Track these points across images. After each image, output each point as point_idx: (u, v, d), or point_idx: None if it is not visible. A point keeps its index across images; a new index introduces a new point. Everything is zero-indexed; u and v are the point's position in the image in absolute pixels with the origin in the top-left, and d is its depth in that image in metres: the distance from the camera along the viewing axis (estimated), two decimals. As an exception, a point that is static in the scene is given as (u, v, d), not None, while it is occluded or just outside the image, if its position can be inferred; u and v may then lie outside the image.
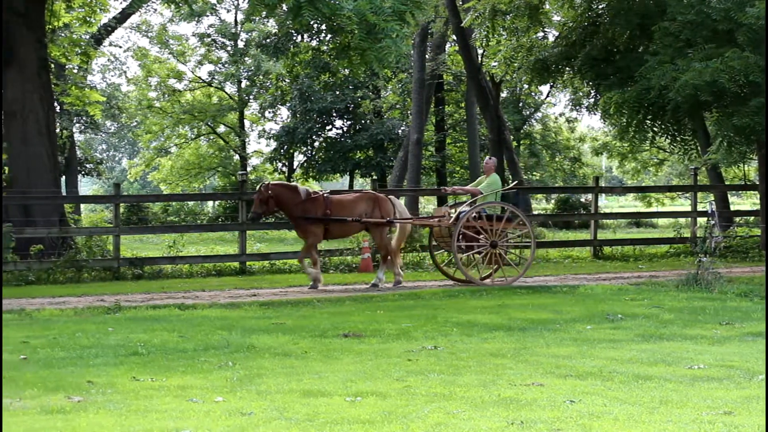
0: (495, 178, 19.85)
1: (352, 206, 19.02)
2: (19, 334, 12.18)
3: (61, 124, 42.03)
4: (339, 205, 18.94)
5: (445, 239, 19.67)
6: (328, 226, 18.78)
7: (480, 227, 19.19)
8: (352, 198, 19.41)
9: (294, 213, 18.67)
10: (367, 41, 19.16)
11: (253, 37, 56.61)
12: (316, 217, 18.56)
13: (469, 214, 19.09)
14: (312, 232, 18.70)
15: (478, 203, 19.42)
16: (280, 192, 18.67)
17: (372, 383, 8.91)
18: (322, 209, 18.68)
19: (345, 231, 19.37)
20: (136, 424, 7.31)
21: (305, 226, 18.70)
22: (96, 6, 29.60)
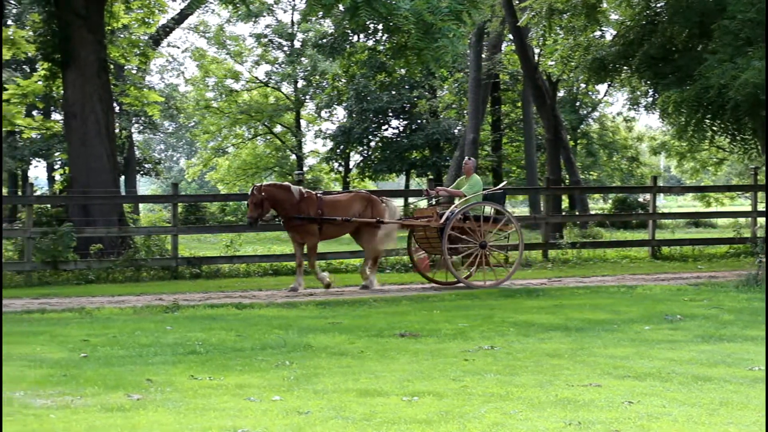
0: (476, 179, 19.58)
1: (345, 206, 18.78)
2: (80, 333, 12.31)
3: (120, 125, 42.43)
4: (332, 206, 18.67)
5: (431, 241, 19.28)
6: (321, 226, 18.48)
7: (468, 228, 18.91)
8: (345, 198, 19.16)
9: (290, 213, 18.31)
10: (423, 41, 19.12)
11: (310, 37, 56.74)
12: (309, 217, 18.27)
13: (458, 215, 18.77)
14: (309, 232, 18.42)
15: (464, 204, 19.08)
16: (273, 192, 18.32)
17: (429, 383, 8.89)
18: (315, 209, 18.43)
19: (338, 231, 18.96)
20: (194, 423, 7.35)
21: (302, 226, 18.38)
22: (154, 7, 29.86)
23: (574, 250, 24.61)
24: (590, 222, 35.26)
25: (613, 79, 30.84)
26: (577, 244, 25.06)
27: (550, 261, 23.99)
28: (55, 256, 20.56)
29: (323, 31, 51.75)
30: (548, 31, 27.87)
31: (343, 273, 22.41)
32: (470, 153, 39.60)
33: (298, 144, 60.47)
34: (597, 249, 25.70)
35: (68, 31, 23.15)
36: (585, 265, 23.57)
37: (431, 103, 54.59)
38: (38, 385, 8.76)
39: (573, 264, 23.64)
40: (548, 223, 25.68)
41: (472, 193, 19.21)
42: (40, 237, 20.71)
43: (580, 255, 24.53)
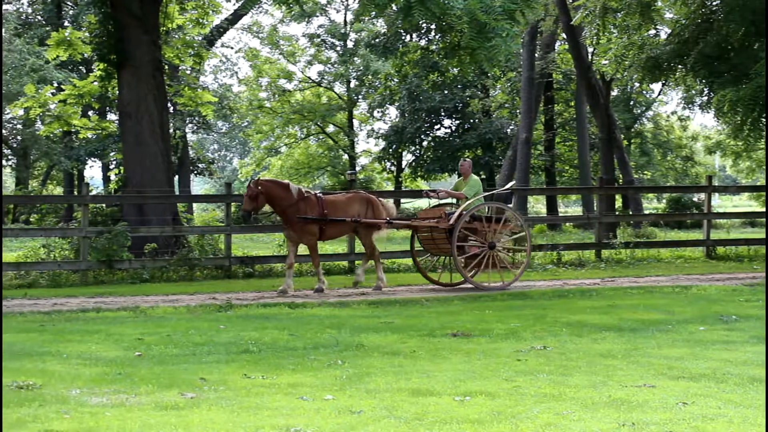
0: (475, 179, 19.35)
1: (346, 207, 18.65)
2: (135, 331, 12.42)
3: (174, 125, 42.76)
4: (333, 206, 18.55)
5: (437, 242, 19.13)
6: (323, 226, 18.33)
7: (475, 229, 18.75)
8: (346, 198, 18.98)
9: (287, 213, 18.17)
10: (476, 40, 19.06)
11: (363, 37, 56.86)
12: (314, 218, 18.12)
13: (467, 215, 18.56)
14: (309, 232, 18.25)
15: (471, 206, 18.81)
16: (270, 188, 18.14)
17: (481, 383, 8.88)
18: (316, 209, 18.26)
19: (340, 231, 18.87)
20: (248, 421, 7.39)
21: (302, 226, 18.23)
22: (209, 8, 30.04)
23: (627, 250, 24.46)
24: (644, 222, 35.01)
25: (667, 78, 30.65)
26: (631, 243, 24.90)
27: (603, 261, 23.87)
28: (110, 256, 20.74)
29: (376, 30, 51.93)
30: (602, 30, 27.71)
31: (395, 273, 22.42)
32: (523, 152, 39.51)
33: (350, 144, 60.57)
34: (651, 249, 25.51)
35: (124, 32, 23.35)
36: (639, 265, 23.42)
37: (484, 103, 54.46)
38: (94, 383, 8.84)
39: (626, 264, 23.50)
40: (601, 222, 25.54)
41: (472, 193, 19.01)
42: (96, 236, 20.90)
43: (634, 255, 24.38)
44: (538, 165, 53.34)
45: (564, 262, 23.62)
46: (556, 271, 22.33)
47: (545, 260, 23.56)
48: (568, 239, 33.79)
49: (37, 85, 36.37)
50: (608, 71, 34.88)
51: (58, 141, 48.38)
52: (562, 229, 43.37)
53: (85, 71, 45.62)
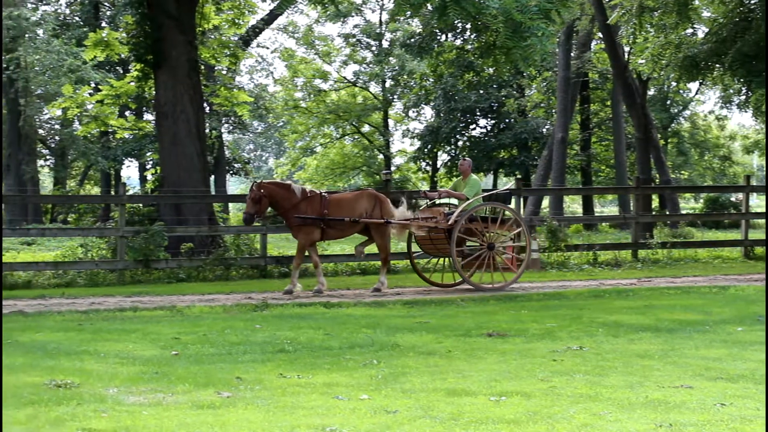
0: (475, 180, 19.22)
1: (350, 206, 18.41)
2: (171, 331, 12.47)
3: (210, 125, 42.95)
4: (337, 205, 18.34)
5: (435, 242, 18.97)
6: (324, 226, 18.16)
7: (474, 229, 18.60)
8: (351, 197, 18.77)
9: (290, 213, 18.02)
10: (512, 40, 19.00)
11: (398, 37, 56.89)
12: (314, 217, 17.97)
13: (467, 215, 18.41)
14: (304, 231, 18.07)
15: (471, 206, 18.66)
16: (273, 191, 17.99)
17: (516, 383, 8.86)
18: (319, 209, 18.11)
19: (343, 231, 18.60)
20: (283, 420, 7.40)
21: (298, 226, 18.03)
22: (244, 8, 30.15)
23: (664, 250, 24.34)
24: (681, 222, 34.84)
25: (705, 77, 30.47)
26: (668, 243, 24.79)
27: (640, 261, 23.76)
28: (147, 255, 20.85)
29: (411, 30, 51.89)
30: (638, 29, 27.59)
31: (431, 272, 22.36)
32: (559, 152, 39.41)
33: (385, 143, 60.63)
34: (688, 249, 25.38)
35: (160, 32, 23.45)
36: (676, 265, 23.30)
37: (519, 102, 54.36)
38: (131, 382, 8.89)
39: (663, 264, 23.38)
40: (638, 222, 25.43)
41: (472, 194, 18.86)
42: (133, 236, 21.00)
43: (671, 255, 24.25)
44: (574, 165, 53.19)
45: (600, 262, 23.53)
46: (593, 271, 22.24)
47: (581, 260, 23.48)
48: (605, 239, 33.68)
49: (75, 86, 36.64)
50: (645, 70, 34.71)
51: (96, 141, 48.70)
52: (599, 229, 43.22)
53: (122, 72, 45.90)
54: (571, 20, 36.36)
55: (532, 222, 25.52)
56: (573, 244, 24.38)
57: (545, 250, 23.05)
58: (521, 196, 24.66)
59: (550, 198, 41.07)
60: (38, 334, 12.10)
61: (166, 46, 23.47)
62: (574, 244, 24.56)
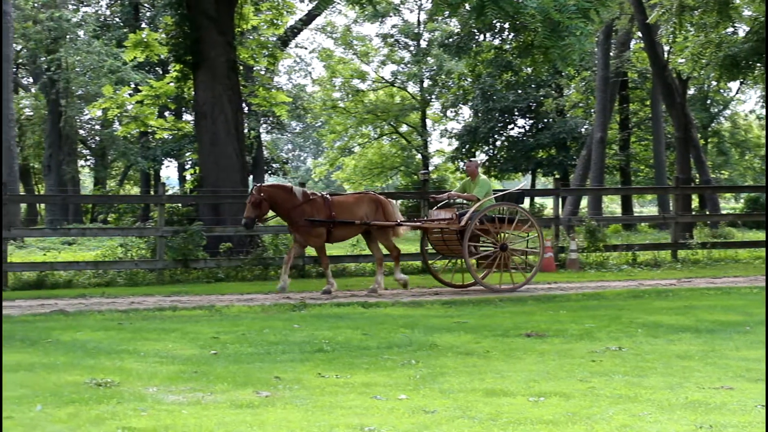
0: (484, 180, 19.10)
1: (354, 208, 18.33)
2: (210, 330, 12.52)
3: (249, 125, 43.09)
4: (341, 207, 18.24)
5: (448, 243, 18.81)
6: (330, 228, 18.05)
7: (486, 230, 18.46)
8: (353, 199, 18.66)
9: (292, 216, 17.92)
10: (550, 39, 18.93)
11: (436, 37, 56.85)
12: (321, 220, 17.88)
13: (479, 217, 18.25)
14: (315, 234, 17.99)
15: (483, 207, 18.50)
16: (273, 193, 17.91)
17: (555, 383, 8.83)
18: (324, 211, 18.00)
19: (348, 233, 18.58)
20: (322, 420, 7.41)
21: (307, 229, 17.95)
22: (283, 8, 30.23)
23: (704, 251, 24.19)
24: (721, 222, 34.61)
25: (745, 76, 30.26)
26: (708, 244, 24.63)
27: (680, 261, 23.63)
28: (185, 255, 20.95)
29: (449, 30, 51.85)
30: (678, 28, 27.42)
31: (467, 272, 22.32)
32: (597, 152, 39.24)
33: (423, 143, 60.62)
34: (728, 249, 25.21)
35: (199, 33, 23.56)
36: (716, 265, 23.15)
37: (558, 102, 54.18)
38: (170, 381, 8.94)
39: (703, 264, 23.24)
40: (677, 222, 25.28)
41: (483, 194, 18.72)
42: (172, 236, 21.10)
43: (711, 255, 24.10)
44: (612, 164, 52.93)
45: (639, 262, 23.41)
46: (632, 271, 22.14)
47: (620, 261, 23.37)
48: (644, 239, 33.49)
49: (115, 87, 36.87)
50: (685, 70, 34.48)
51: (135, 141, 48.99)
52: (637, 229, 43.00)
53: (162, 72, 46.15)
54: (610, 19, 36.20)
55: (570, 222, 25.44)
56: (612, 245, 24.27)
57: (584, 250, 22.96)
58: (559, 196, 24.56)
59: (589, 198, 40.91)
60: (79, 333, 12.19)
61: (205, 46, 23.56)
62: (613, 245, 24.45)
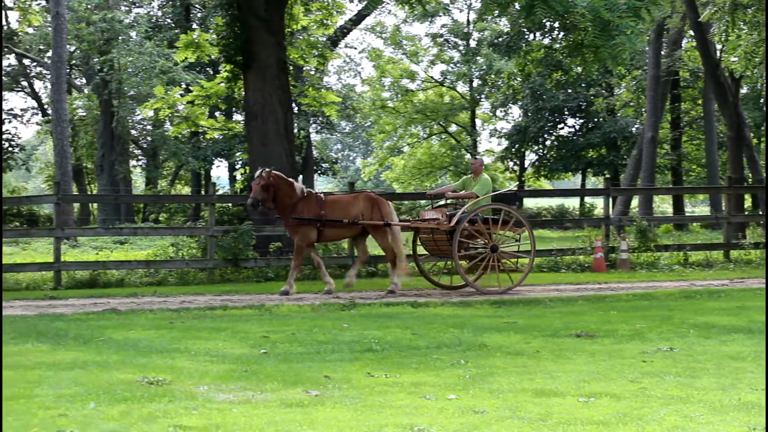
0: (486, 178, 18.83)
1: (348, 207, 18.14)
2: (260, 329, 12.58)
3: (299, 125, 43.23)
4: (333, 206, 18.08)
5: (438, 244, 18.65)
6: (321, 227, 17.92)
7: (477, 231, 18.25)
8: (348, 198, 18.49)
9: (286, 210, 17.84)
10: (601, 38, 18.82)
11: (485, 36, 56.74)
12: (308, 219, 17.76)
13: (468, 217, 18.05)
14: (299, 232, 17.86)
15: (475, 206, 18.34)
16: (280, 183, 17.85)
17: (605, 384, 8.79)
18: (315, 209, 17.88)
19: (340, 233, 18.42)
20: (371, 419, 7.42)
21: (294, 226, 17.86)
22: (332, 9, 30.28)
23: (757, 251, 23.96)
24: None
25: (799, 75, 29.89)
26: (761, 244, 24.37)
27: (732, 262, 23.44)
28: (236, 254, 21.05)
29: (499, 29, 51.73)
30: (731, 27, 27.17)
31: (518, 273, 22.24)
32: (648, 151, 38.97)
33: (473, 143, 60.52)
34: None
35: (250, 33, 23.64)
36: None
37: (608, 101, 53.89)
38: (221, 380, 8.99)
39: (756, 265, 23.01)
40: (730, 222, 25.07)
41: (483, 193, 18.54)
42: (222, 235, 21.21)
43: (764, 255, 23.85)
44: (664, 164, 52.55)
45: (691, 262, 23.23)
46: (683, 271, 21.98)
47: (672, 261, 23.20)
48: (696, 239, 33.22)
49: (166, 87, 37.13)
50: (737, 68, 34.18)
51: (186, 141, 49.30)
52: (689, 229, 42.67)
53: (212, 73, 46.40)
54: (661, 18, 35.91)
55: (621, 222, 25.29)
56: (663, 245, 24.11)
57: (634, 250, 22.82)
58: (610, 195, 24.43)
59: (640, 198, 40.65)
60: (131, 332, 12.30)
61: (255, 47, 23.65)
62: (664, 245, 24.29)
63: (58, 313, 14.80)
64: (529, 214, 53.58)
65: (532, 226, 19.65)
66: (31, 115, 61.26)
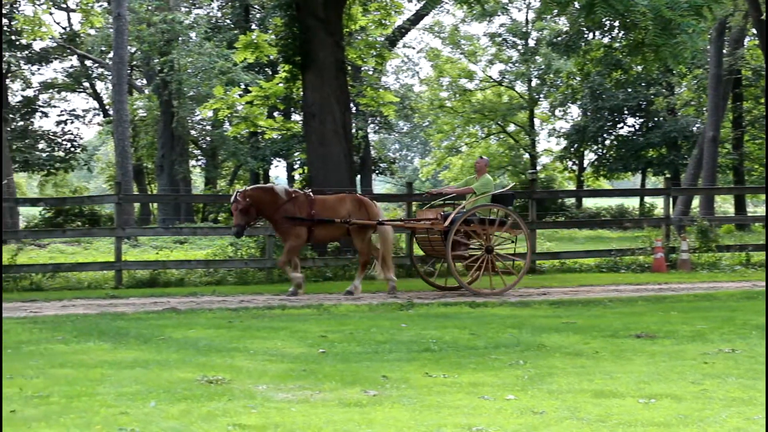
0: (487, 178, 18.56)
1: (336, 207, 17.88)
2: (318, 329, 12.61)
3: (357, 125, 43.28)
4: (323, 206, 17.81)
5: (433, 244, 18.45)
6: (311, 227, 17.63)
7: (473, 232, 17.99)
8: (335, 199, 18.20)
9: (276, 216, 17.52)
10: (661, 37, 18.66)
11: (544, 36, 56.50)
12: (302, 218, 17.49)
13: (465, 216, 17.80)
14: (294, 233, 17.54)
15: (472, 205, 18.10)
16: (258, 197, 17.44)
17: (666, 385, 8.71)
18: (306, 209, 17.60)
19: (330, 234, 18.11)
20: (429, 419, 7.42)
21: (287, 228, 17.55)
22: (391, 9, 30.30)
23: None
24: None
25: None
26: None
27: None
28: (300, 254, 21.11)
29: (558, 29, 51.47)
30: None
31: (577, 273, 22.18)
32: (709, 151, 38.61)
33: (531, 143, 60.31)
34: None
35: (308, 34, 23.71)
36: (835, 266, 22.59)
37: (669, 101, 53.42)
38: (279, 379, 9.02)
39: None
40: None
41: (482, 192, 18.31)
42: (281, 235, 21.28)
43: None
44: (725, 164, 51.96)
45: (753, 263, 22.96)
46: (745, 272, 21.73)
47: (733, 261, 22.95)
48: (758, 240, 32.83)
49: (226, 87, 37.35)
50: (800, 67, 33.76)
51: (245, 141, 49.56)
52: (751, 229, 42.18)
53: (271, 73, 46.60)
54: (723, 16, 35.54)
55: (681, 222, 25.07)
56: (724, 245, 23.86)
57: (695, 250, 22.60)
58: (670, 195, 24.22)
59: (701, 198, 40.28)
60: (190, 331, 12.39)
61: (313, 47, 23.72)
62: (726, 245, 24.03)
63: (119, 312, 14.94)
64: (589, 215, 53.32)
65: (528, 227, 19.54)
66: (93, 115, 62.06)
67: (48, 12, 51.50)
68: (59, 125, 58.50)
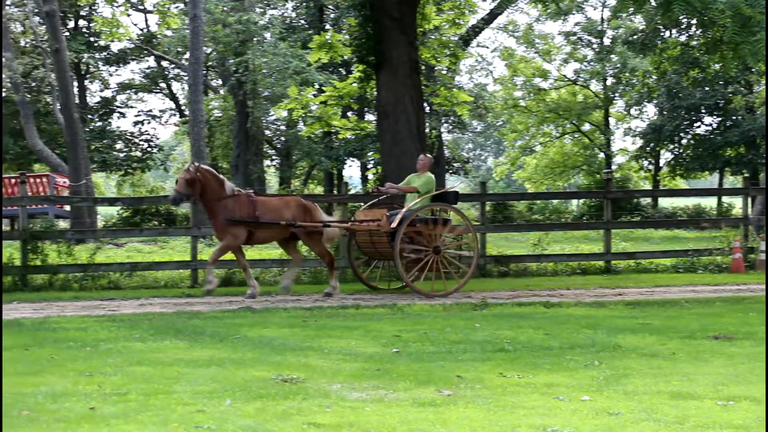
0: (429, 176, 18.26)
1: (280, 210, 17.60)
2: (392, 328, 12.63)
3: (430, 124, 43.25)
4: (266, 207, 17.54)
5: (377, 246, 18.17)
6: (252, 229, 17.35)
7: (416, 233, 17.72)
8: (279, 202, 17.98)
9: (214, 208, 17.22)
10: (740, 35, 18.39)
11: (620, 34, 55.98)
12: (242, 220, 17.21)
13: (411, 216, 17.52)
14: (230, 233, 17.20)
15: (417, 205, 17.82)
16: (208, 179, 17.20)
17: (745, 387, 8.59)
18: (247, 210, 17.31)
19: (271, 236, 17.83)
20: (504, 420, 7.39)
21: (224, 226, 17.23)
22: (465, 8, 30.22)
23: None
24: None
25: None
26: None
27: None
28: (368, 254, 21.13)
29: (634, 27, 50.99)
30: None
31: (653, 273, 21.98)
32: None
33: (606, 142, 59.82)
34: None
35: (382, 33, 23.72)
36: None
37: (748, 99, 52.67)
38: (354, 379, 9.05)
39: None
40: None
41: (425, 190, 18.06)
42: (355, 234, 21.31)
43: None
44: (800, 164, 51.17)
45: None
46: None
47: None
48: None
49: (300, 87, 37.52)
50: None
51: (319, 141, 49.77)
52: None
53: (345, 73, 46.75)
54: (803, 13, 34.96)
55: (760, 222, 24.72)
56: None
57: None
58: (749, 195, 23.88)
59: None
60: (265, 330, 12.47)
61: (387, 47, 23.72)
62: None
63: (194, 311, 15.10)
64: (665, 215, 52.76)
65: (474, 226, 19.29)
66: (169, 116, 62.75)
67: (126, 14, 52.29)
68: (136, 125, 59.32)
